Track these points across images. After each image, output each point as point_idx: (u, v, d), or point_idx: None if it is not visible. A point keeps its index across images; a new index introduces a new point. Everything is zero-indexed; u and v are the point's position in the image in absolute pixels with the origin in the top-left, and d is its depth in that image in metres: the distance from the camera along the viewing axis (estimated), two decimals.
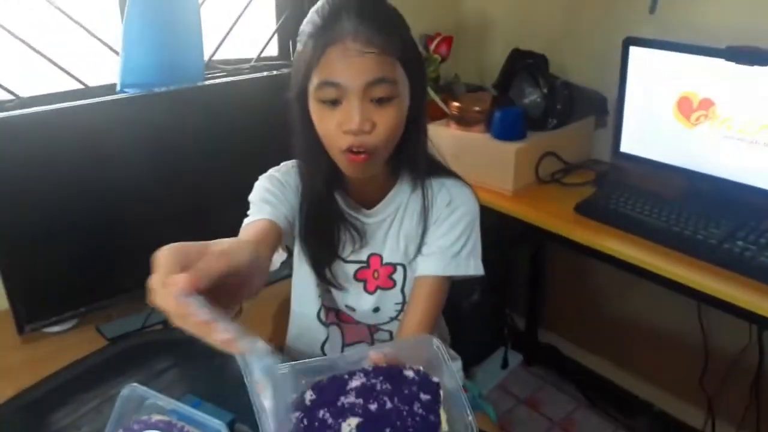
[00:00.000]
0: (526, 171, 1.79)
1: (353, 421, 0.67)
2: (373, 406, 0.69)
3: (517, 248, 2.32)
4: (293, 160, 1.15)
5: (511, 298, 2.45)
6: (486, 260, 1.14)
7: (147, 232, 1.39)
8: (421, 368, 0.73)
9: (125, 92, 1.46)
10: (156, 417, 1.03)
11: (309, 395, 0.71)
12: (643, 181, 1.75)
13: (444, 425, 0.69)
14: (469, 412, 0.69)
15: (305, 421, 0.68)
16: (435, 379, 0.72)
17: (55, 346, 1.41)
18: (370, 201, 1.14)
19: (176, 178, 1.44)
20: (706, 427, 2.00)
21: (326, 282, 1.17)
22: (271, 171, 1.15)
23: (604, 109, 1.95)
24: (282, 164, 1.16)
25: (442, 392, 0.71)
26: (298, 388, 0.72)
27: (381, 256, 1.17)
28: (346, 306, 1.20)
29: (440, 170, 1.15)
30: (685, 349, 1.97)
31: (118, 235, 1.41)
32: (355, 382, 0.72)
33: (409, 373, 0.73)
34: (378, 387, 0.71)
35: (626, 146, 1.76)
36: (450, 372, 0.73)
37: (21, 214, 1.30)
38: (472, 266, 1.12)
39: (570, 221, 1.63)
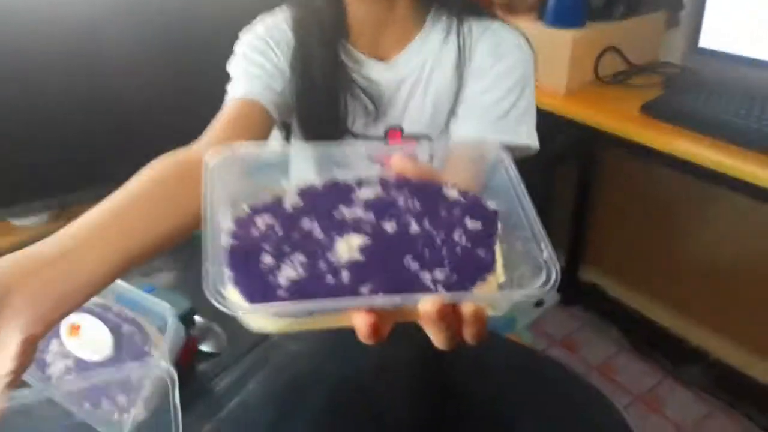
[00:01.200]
0: (584, 67, 1.52)
1: (355, 240, 0.45)
2: (389, 226, 0.46)
3: (562, 166, 2.04)
4: (285, 4, 0.90)
5: (550, 228, 2.16)
6: (524, 183, 0.88)
7: (134, 113, 1.26)
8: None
9: None
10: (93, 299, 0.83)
11: (292, 199, 0.48)
12: (725, 83, 1.46)
13: (500, 270, 0.45)
14: (544, 246, 0.45)
15: (279, 230, 0.45)
16: (492, 204, 0.48)
17: (23, 241, 1.22)
18: (386, 53, 0.88)
19: (159, 40, 1.24)
20: None
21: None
22: (255, 24, 0.91)
23: (678, 3, 1.65)
24: (270, 12, 0.91)
25: (500, 224, 0.47)
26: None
27: (401, 128, 0.92)
28: None
29: (483, 12, 0.89)
30: (757, 290, 1.70)
31: (101, 115, 1.23)
32: (365, 192, 0.49)
33: (452, 193, 0.49)
34: (401, 203, 0.48)
35: (707, 40, 1.46)
36: (517, 193, 0.49)
37: None
38: (524, 133, 0.86)
39: (636, 122, 1.36)
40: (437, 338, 0.44)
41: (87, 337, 0.81)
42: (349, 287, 0.42)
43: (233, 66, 0.88)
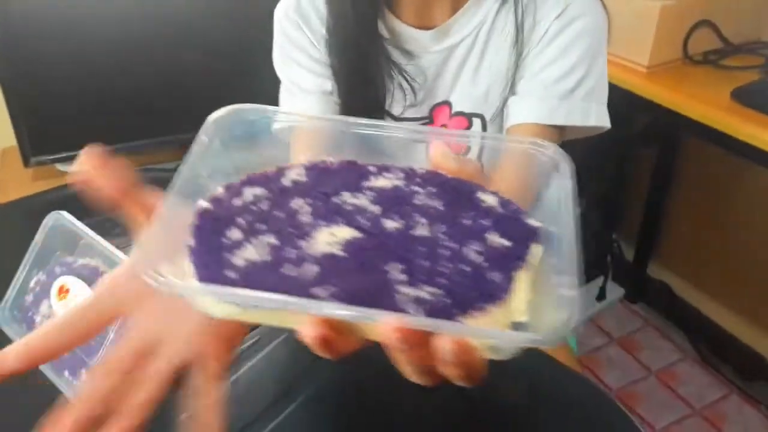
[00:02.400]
0: (671, 42, 1.36)
1: (341, 233, 0.37)
2: (391, 224, 0.38)
3: (638, 151, 1.87)
4: None
5: (621, 219, 2.03)
6: (596, 167, 0.76)
7: (179, 73, 1.28)
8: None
9: None
10: (83, 261, 0.77)
11: (295, 173, 0.42)
12: None
13: (521, 307, 0.35)
14: (573, 281, 0.34)
15: (264, 205, 0.39)
16: (533, 221, 0.39)
17: (67, 185, 1.26)
18: (435, 20, 0.78)
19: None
20: None
21: None
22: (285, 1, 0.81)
23: None
24: None
25: (534, 248, 0.37)
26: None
27: (450, 104, 0.80)
28: None
29: None
30: None
31: (150, 68, 1.27)
32: (381, 180, 0.41)
33: (489, 198, 0.40)
34: (418, 200, 0.39)
35: None
36: (568, 212, 0.38)
37: (32, 29, 1.15)
38: (594, 113, 0.74)
39: (724, 109, 1.21)
40: (404, 369, 0.35)
41: (73, 301, 0.75)
42: (306, 285, 0.33)
43: (280, 66, 0.82)
